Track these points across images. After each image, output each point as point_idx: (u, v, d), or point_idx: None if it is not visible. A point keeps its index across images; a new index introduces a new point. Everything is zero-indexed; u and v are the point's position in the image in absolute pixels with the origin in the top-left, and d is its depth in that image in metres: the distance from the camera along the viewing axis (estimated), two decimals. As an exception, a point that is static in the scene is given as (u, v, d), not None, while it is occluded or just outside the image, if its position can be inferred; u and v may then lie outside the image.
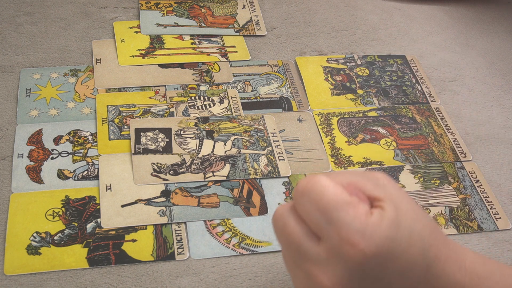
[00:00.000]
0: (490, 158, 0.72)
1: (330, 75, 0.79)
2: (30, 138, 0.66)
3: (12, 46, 0.77)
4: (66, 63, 0.76)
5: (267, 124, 0.71)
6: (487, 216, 0.65)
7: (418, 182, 0.67)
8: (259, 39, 0.83)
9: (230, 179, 0.65)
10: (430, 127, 0.74)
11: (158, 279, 0.56)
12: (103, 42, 0.79)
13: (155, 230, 0.60)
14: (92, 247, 0.58)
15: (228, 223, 0.61)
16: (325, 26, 0.87)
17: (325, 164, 0.68)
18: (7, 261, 0.56)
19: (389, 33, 0.88)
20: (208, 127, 0.70)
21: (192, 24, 0.83)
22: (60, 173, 0.64)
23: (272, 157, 0.68)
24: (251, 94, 0.75)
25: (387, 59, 0.83)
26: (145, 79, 0.75)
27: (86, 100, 0.72)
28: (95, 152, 0.66)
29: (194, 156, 0.66)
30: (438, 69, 0.83)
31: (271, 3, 0.90)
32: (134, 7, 0.85)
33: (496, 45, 0.88)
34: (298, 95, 0.76)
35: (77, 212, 0.60)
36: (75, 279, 0.55)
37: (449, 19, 0.92)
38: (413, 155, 0.70)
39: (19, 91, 0.72)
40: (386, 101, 0.77)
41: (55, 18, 0.82)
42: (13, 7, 0.83)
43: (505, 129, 0.76)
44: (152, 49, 0.79)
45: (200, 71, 0.77)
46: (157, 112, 0.71)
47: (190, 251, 0.59)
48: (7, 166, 0.64)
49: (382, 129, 0.73)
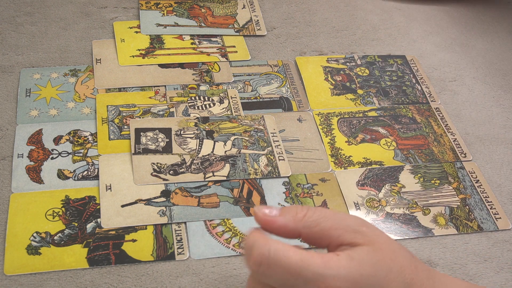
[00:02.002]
0: (490, 158, 0.72)
1: (330, 75, 0.79)
2: (30, 138, 0.66)
3: (12, 46, 0.77)
4: (66, 63, 0.76)
5: (267, 124, 0.71)
6: (487, 216, 0.65)
7: (418, 182, 0.67)
8: (259, 39, 0.83)
9: (230, 179, 0.65)
10: (430, 127, 0.74)
11: (158, 279, 0.56)
12: (103, 42, 0.79)
13: (155, 230, 0.60)
14: (92, 247, 0.58)
15: (228, 223, 0.61)
16: (325, 26, 0.87)
17: (325, 164, 0.68)
18: (7, 261, 0.56)
19: (389, 33, 0.88)
20: (208, 127, 0.70)
21: (192, 24, 0.83)
22: (60, 173, 0.64)
23: (272, 157, 0.68)
24: (251, 94, 0.75)
25: (387, 59, 0.83)
26: (145, 79, 0.75)
27: (86, 100, 0.72)
28: (95, 152, 0.66)
29: (194, 156, 0.66)
30: (438, 69, 0.83)
31: (271, 3, 0.90)
32: (134, 7, 0.85)
33: (496, 45, 0.88)
34: (298, 95, 0.76)
35: (77, 212, 0.60)
36: (75, 279, 0.55)
37: (449, 19, 0.92)
38: (413, 155, 0.70)
39: (19, 91, 0.72)
40: (386, 101, 0.77)
41: (55, 18, 0.82)
42: (13, 7, 0.83)
43: (505, 129, 0.76)
44: (152, 49, 0.79)
45: (200, 71, 0.77)
46: (157, 112, 0.71)
47: (190, 251, 0.59)
48: (7, 166, 0.64)
49: (382, 129, 0.73)
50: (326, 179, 0.66)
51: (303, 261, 0.38)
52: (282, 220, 0.42)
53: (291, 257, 0.39)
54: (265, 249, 0.39)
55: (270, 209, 0.42)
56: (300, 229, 0.42)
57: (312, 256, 0.39)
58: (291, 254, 0.39)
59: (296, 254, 0.39)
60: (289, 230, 0.42)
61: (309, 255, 0.39)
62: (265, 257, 0.39)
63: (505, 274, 0.60)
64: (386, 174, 0.68)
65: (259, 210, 0.42)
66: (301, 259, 0.38)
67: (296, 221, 0.42)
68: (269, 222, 0.42)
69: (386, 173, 0.68)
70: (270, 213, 0.42)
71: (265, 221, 0.42)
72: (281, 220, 0.42)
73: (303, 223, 0.41)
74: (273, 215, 0.42)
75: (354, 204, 0.64)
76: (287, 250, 0.39)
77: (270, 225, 0.42)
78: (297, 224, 0.42)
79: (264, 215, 0.42)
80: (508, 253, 0.62)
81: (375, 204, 0.65)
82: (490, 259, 0.61)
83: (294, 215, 0.42)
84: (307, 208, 0.42)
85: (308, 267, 0.38)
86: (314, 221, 0.41)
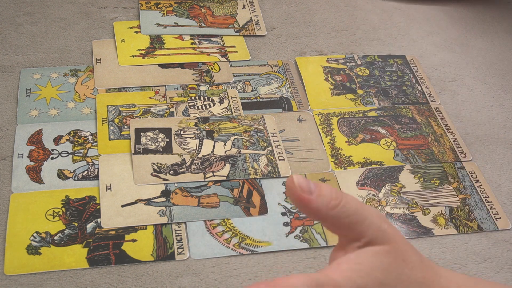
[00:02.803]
0: (490, 158, 0.72)
1: (330, 75, 0.79)
2: (30, 138, 0.66)
3: (12, 46, 0.77)
4: (66, 63, 0.76)
5: (267, 124, 0.71)
6: (487, 216, 0.65)
7: (418, 182, 0.67)
8: (259, 39, 0.83)
9: (230, 179, 0.65)
10: (430, 127, 0.74)
11: (158, 279, 0.56)
12: (103, 42, 0.79)
13: (155, 230, 0.60)
14: (92, 247, 0.58)
15: (228, 223, 0.61)
16: (325, 26, 0.87)
17: (325, 164, 0.68)
18: (7, 261, 0.56)
19: (389, 33, 0.88)
20: (208, 127, 0.70)
21: (192, 24, 0.83)
22: (60, 173, 0.64)
23: (272, 157, 0.68)
24: (251, 94, 0.75)
25: (387, 59, 0.83)
26: (145, 79, 0.75)
27: (86, 100, 0.72)
28: (95, 152, 0.66)
29: (194, 156, 0.66)
30: (438, 69, 0.83)
31: (271, 3, 0.90)
32: (134, 7, 0.85)
33: (496, 45, 0.88)
34: (298, 95, 0.76)
35: (77, 212, 0.60)
36: (75, 279, 0.55)
37: (449, 19, 0.92)
38: (413, 155, 0.70)
39: (19, 91, 0.72)
40: (386, 101, 0.77)
41: (55, 18, 0.82)
42: (13, 7, 0.83)
43: (505, 129, 0.76)
44: (152, 49, 0.79)
45: (200, 71, 0.77)
46: (157, 112, 0.71)
47: (190, 251, 0.59)
48: (7, 166, 0.64)
49: (382, 129, 0.73)
50: (326, 179, 0.66)
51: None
52: (315, 204, 0.40)
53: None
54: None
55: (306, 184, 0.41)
56: (329, 217, 0.41)
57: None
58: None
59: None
60: (319, 214, 0.41)
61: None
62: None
63: (505, 274, 0.60)
64: (386, 174, 0.68)
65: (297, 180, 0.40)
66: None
67: (328, 209, 0.41)
68: (304, 200, 0.40)
69: (386, 173, 0.68)
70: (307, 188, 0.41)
71: (300, 198, 0.40)
72: (315, 203, 0.40)
73: (334, 212, 0.40)
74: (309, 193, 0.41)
75: (354, 204, 0.64)
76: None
77: (303, 203, 0.40)
78: (329, 212, 0.41)
79: (302, 189, 0.40)
80: (508, 253, 0.62)
81: (375, 204, 0.65)
82: (490, 259, 0.61)
83: (329, 201, 0.41)
84: (341, 196, 0.41)
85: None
86: (345, 212, 0.41)
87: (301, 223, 0.62)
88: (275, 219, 0.62)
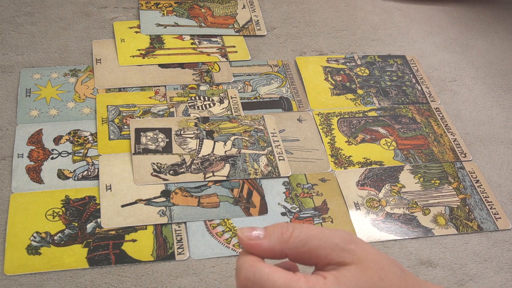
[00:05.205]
0: (490, 158, 0.72)
1: (330, 75, 0.79)
2: (30, 138, 0.66)
3: (12, 46, 0.77)
4: (66, 63, 0.76)
5: (267, 124, 0.71)
6: (487, 216, 0.65)
7: (418, 182, 0.67)
8: (259, 39, 0.83)
9: (230, 179, 0.65)
10: (430, 127, 0.74)
11: (158, 279, 0.56)
12: (103, 42, 0.79)
13: (155, 230, 0.60)
14: (92, 247, 0.58)
15: (228, 223, 0.61)
16: (325, 26, 0.87)
17: (325, 164, 0.68)
18: (7, 261, 0.56)
19: (389, 33, 0.88)
20: (208, 127, 0.70)
21: (192, 24, 0.83)
22: (60, 173, 0.64)
23: (272, 157, 0.68)
24: (251, 94, 0.75)
25: (387, 59, 0.83)
26: (145, 79, 0.75)
27: (86, 100, 0.72)
28: (95, 152, 0.66)
29: (194, 156, 0.66)
30: (438, 69, 0.83)
31: (271, 3, 0.90)
32: (134, 7, 0.85)
33: (496, 45, 0.88)
34: (298, 95, 0.76)
35: (77, 212, 0.60)
36: (75, 279, 0.55)
37: (449, 19, 0.92)
38: (413, 155, 0.70)
39: (19, 91, 0.72)
40: (386, 101, 0.77)
41: (55, 18, 0.82)
42: (13, 7, 0.83)
43: (505, 129, 0.76)
44: (152, 49, 0.79)
45: (200, 71, 0.77)
46: (157, 112, 0.71)
47: (190, 251, 0.59)
48: (7, 166, 0.64)
49: (382, 129, 0.73)
50: (326, 179, 0.66)
51: (288, 285, 0.38)
52: (267, 243, 0.40)
53: (276, 281, 0.38)
54: (250, 273, 0.39)
55: (254, 231, 0.41)
56: (286, 250, 0.40)
57: (298, 280, 0.38)
58: (276, 278, 0.38)
59: (281, 278, 0.38)
60: (276, 252, 0.41)
61: (294, 279, 0.38)
62: (250, 281, 0.38)
63: (505, 274, 0.60)
64: (386, 174, 0.68)
65: (242, 234, 0.41)
66: (285, 283, 0.38)
67: (282, 242, 0.41)
68: (254, 246, 0.40)
69: (386, 173, 0.68)
70: (254, 235, 0.41)
71: (249, 245, 0.40)
72: (266, 243, 0.40)
73: (289, 244, 0.40)
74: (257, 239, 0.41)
75: (354, 204, 0.64)
76: (273, 274, 0.38)
77: (255, 248, 0.40)
78: (283, 246, 0.40)
79: (249, 238, 0.41)
80: (508, 253, 0.62)
81: (375, 204, 0.65)
82: (490, 259, 0.61)
83: (280, 236, 0.40)
84: (292, 227, 0.41)
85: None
86: (300, 241, 0.40)
87: (301, 223, 0.62)
88: (275, 219, 0.62)
